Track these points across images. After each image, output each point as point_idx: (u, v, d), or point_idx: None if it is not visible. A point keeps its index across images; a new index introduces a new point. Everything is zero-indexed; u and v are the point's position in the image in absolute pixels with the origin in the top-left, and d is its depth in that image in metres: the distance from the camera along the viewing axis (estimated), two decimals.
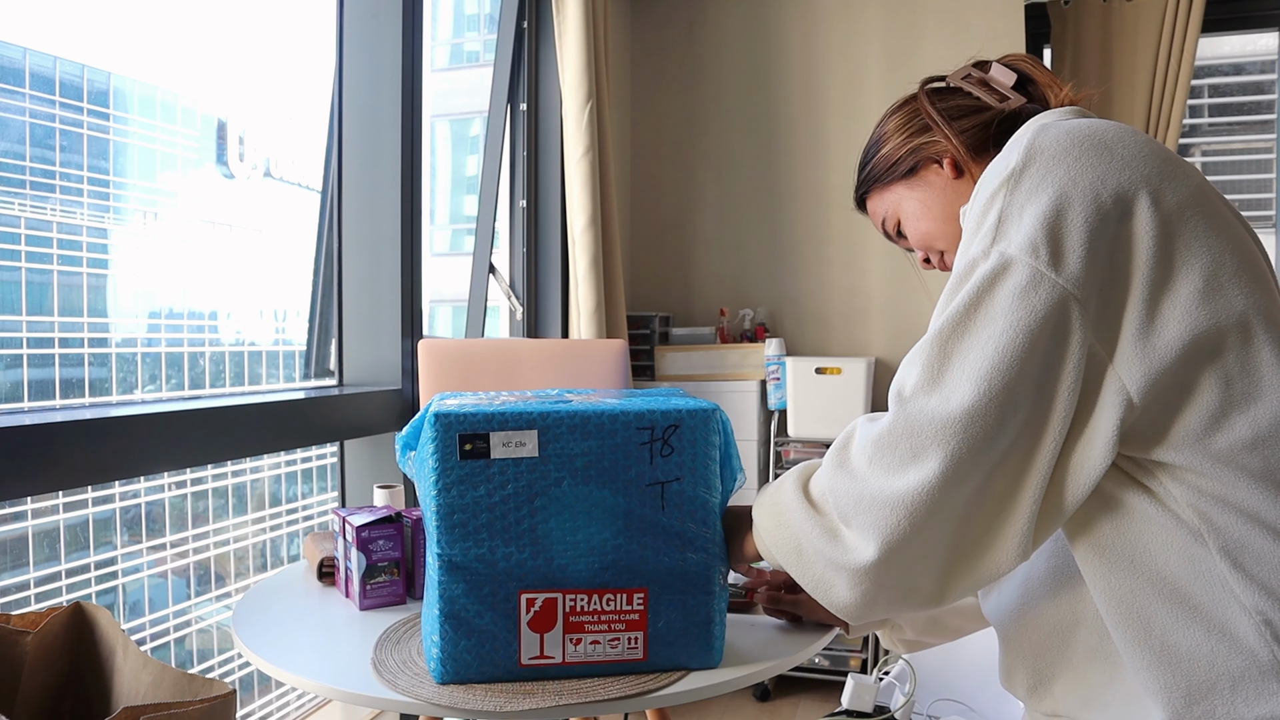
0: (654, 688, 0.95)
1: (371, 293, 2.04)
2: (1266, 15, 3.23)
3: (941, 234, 1.06)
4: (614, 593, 0.97)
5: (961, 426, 0.75)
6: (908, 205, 1.08)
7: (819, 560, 0.84)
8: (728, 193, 3.22)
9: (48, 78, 1.51)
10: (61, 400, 1.52)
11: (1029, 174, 0.78)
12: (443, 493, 0.92)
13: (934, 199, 1.05)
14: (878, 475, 0.79)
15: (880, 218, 1.13)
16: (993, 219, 0.79)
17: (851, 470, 0.81)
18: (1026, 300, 0.75)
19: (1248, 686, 0.70)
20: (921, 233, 1.07)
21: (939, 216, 1.05)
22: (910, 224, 1.08)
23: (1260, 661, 0.70)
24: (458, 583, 0.94)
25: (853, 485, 0.81)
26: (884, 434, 0.79)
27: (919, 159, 1.05)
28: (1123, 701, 0.79)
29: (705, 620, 0.99)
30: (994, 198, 0.79)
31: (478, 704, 0.91)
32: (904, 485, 0.77)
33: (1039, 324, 0.74)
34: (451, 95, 3.37)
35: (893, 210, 1.10)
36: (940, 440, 0.75)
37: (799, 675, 2.89)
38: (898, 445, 0.78)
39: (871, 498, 0.79)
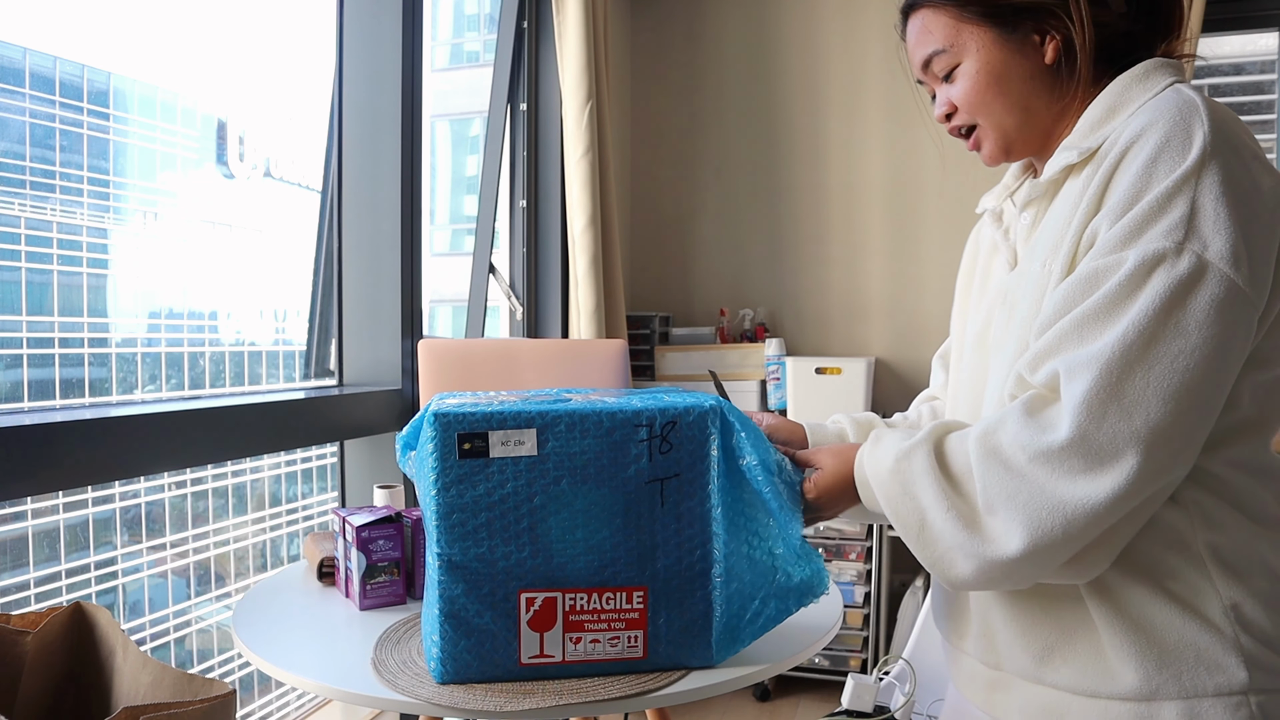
0: (654, 687, 0.95)
1: (371, 293, 2.04)
2: (1266, 15, 3.22)
3: (1001, 117, 0.92)
4: (613, 591, 0.96)
5: (1146, 447, 0.72)
6: (982, 60, 0.90)
7: (946, 541, 0.80)
8: (728, 193, 3.22)
9: (48, 78, 1.51)
10: (61, 400, 1.52)
11: (1219, 167, 0.75)
12: (442, 492, 0.92)
13: (1016, 75, 0.90)
14: (1041, 476, 0.75)
15: (931, 45, 0.93)
16: (1182, 211, 0.74)
17: (1007, 463, 0.77)
18: (1224, 316, 0.72)
19: (1210, 660, 0.78)
20: (979, 103, 0.92)
21: (1013, 100, 0.91)
22: (970, 83, 0.91)
23: (1225, 640, 0.78)
24: (457, 582, 0.94)
25: (1008, 479, 0.77)
26: (1057, 440, 0.75)
27: (1031, 17, 0.88)
28: (1088, 659, 0.83)
29: (705, 619, 0.98)
30: (1182, 184, 0.74)
31: (478, 704, 0.91)
32: (1070, 494, 0.74)
33: (1237, 343, 0.74)
34: (451, 95, 3.37)
35: (958, 49, 0.91)
36: (1120, 458, 0.73)
37: (799, 675, 2.89)
38: (1070, 455, 0.74)
39: (1029, 496, 0.76)
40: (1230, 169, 0.75)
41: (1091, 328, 0.76)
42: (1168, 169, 0.75)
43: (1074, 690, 0.83)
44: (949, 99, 0.94)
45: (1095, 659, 0.82)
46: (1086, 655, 0.82)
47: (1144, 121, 0.79)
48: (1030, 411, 0.77)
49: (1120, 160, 0.80)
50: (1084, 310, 0.76)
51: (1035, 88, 0.91)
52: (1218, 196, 0.74)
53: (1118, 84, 0.87)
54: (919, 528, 0.82)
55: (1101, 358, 0.73)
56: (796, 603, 1.01)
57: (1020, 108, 0.91)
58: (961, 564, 0.80)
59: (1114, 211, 0.78)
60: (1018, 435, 0.76)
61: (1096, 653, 0.82)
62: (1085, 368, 0.74)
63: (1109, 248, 0.77)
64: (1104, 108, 0.87)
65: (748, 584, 1.01)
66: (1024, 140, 0.94)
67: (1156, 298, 0.73)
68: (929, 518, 0.81)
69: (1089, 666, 0.82)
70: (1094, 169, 0.84)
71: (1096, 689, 0.82)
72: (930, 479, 0.81)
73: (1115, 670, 0.80)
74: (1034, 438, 0.75)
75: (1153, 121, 0.79)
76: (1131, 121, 0.82)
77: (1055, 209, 0.89)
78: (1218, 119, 0.77)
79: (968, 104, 0.93)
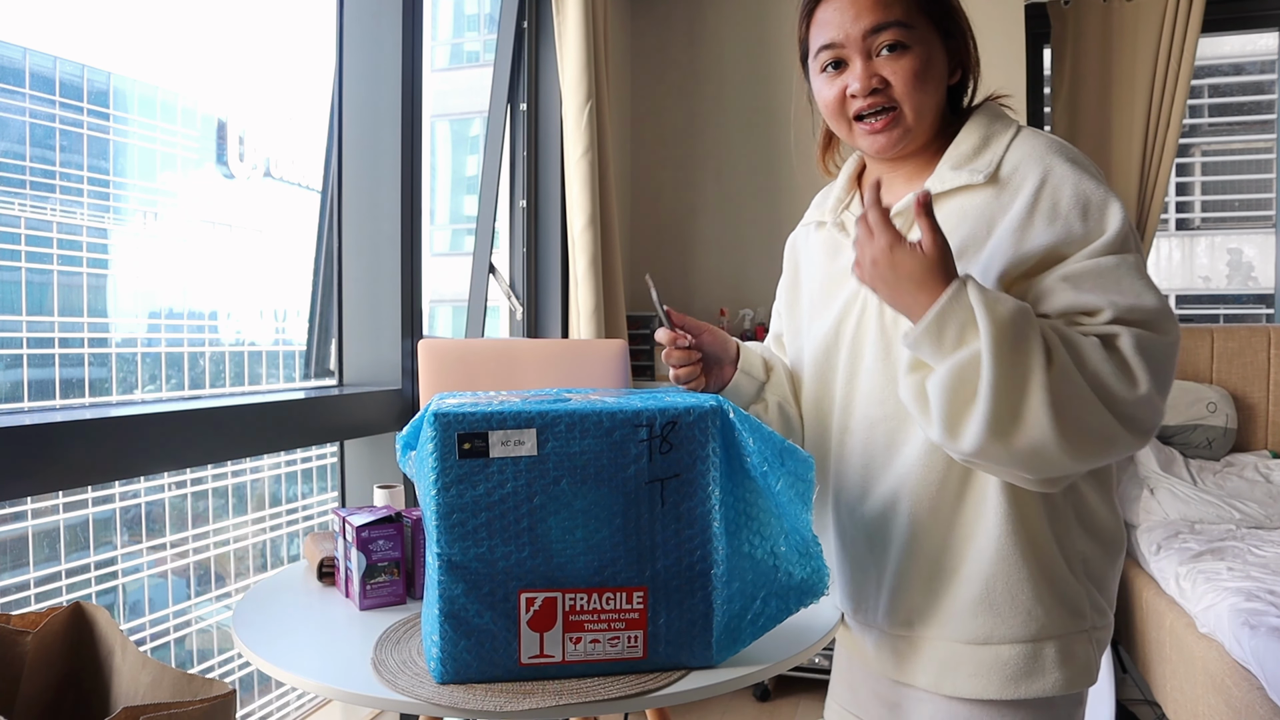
0: (654, 687, 0.95)
1: (371, 293, 2.04)
2: (1266, 15, 3.22)
3: (924, 110, 1.01)
4: (613, 591, 0.96)
5: (1158, 415, 0.93)
6: (930, 51, 1.00)
7: (1020, 400, 0.86)
8: (728, 193, 3.22)
9: (48, 78, 1.51)
10: (61, 400, 1.52)
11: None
12: (442, 492, 0.92)
13: (939, 80, 1.02)
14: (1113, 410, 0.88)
15: (894, 14, 0.98)
16: (1123, 224, 0.94)
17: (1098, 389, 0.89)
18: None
19: (1073, 604, 0.97)
20: (917, 87, 1.00)
21: (932, 99, 1.02)
22: (919, 64, 0.99)
23: (1081, 587, 0.98)
24: (457, 582, 0.93)
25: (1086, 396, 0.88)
26: (1137, 393, 0.89)
27: (958, 39, 1.04)
28: (979, 613, 0.98)
29: (705, 619, 0.98)
30: (1111, 202, 0.95)
31: (478, 704, 0.91)
32: (1117, 430, 0.89)
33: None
34: (451, 95, 3.37)
35: (919, 31, 1.00)
36: (1153, 422, 0.92)
37: (799, 675, 2.89)
38: (1138, 408, 0.89)
39: (1097, 414, 0.88)
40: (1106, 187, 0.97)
41: (1139, 314, 0.89)
42: (1101, 200, 0.94)
43: (969, 640, 0.97)
44: (880, 74, 0.99)
45: (989, 610, 0.97)
46: (980, 608, 0.97)
47: (1044, 159, 0.97)
48: (1110, 356, 0.88)
49: (1042, 187, 0.95)
50: (1131, 297, 0.90)
51: (939, 98, 1.03)
52: (1124, 214, 0.95)
53: (981, 117, 1.03)
54: (1076, 373, 0.88)
55: (1153, 345, 0.88)
56: (797, 602, 1.01)
57: (932, 109, 1.02)
58: (1023, 420, 0.87)
59: (1075, 231, 0.93)
60: (1100, 373, 0.87)
61: (991, 604, 0.97)
62: (1148, 350, 0.88)
63: (1098, 251, 0.92)
64: (978, 137, 1.01)
65: (748, 584, 1.01)
66: (918, 138, 1.03)
67: (1156, 293, 0.91)
68: (1100, 375, 0.87)
69: (981, 617, 0.97)
70: (999, 191, 0.98)
71: (989, 636, 0.97)
72: (1099, 352, 0.89)
73: (1007, 617, 0.96)
74: (1117, 383, 0.87)
75: (1050, 156, 0.97)
76: (1026, 154, 0.98)
77: (943, 219, 0.98)
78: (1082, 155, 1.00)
79: (906, 84, 0.98)
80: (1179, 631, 2.16)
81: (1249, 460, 2.91)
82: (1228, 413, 2.95)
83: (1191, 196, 4.88)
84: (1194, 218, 5.07)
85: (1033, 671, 0.96)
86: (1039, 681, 0.96)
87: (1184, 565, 2.26)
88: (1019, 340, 0.86)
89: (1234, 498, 2.70)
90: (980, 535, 0.98)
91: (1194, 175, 4.75)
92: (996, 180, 0.98)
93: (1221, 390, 2.99)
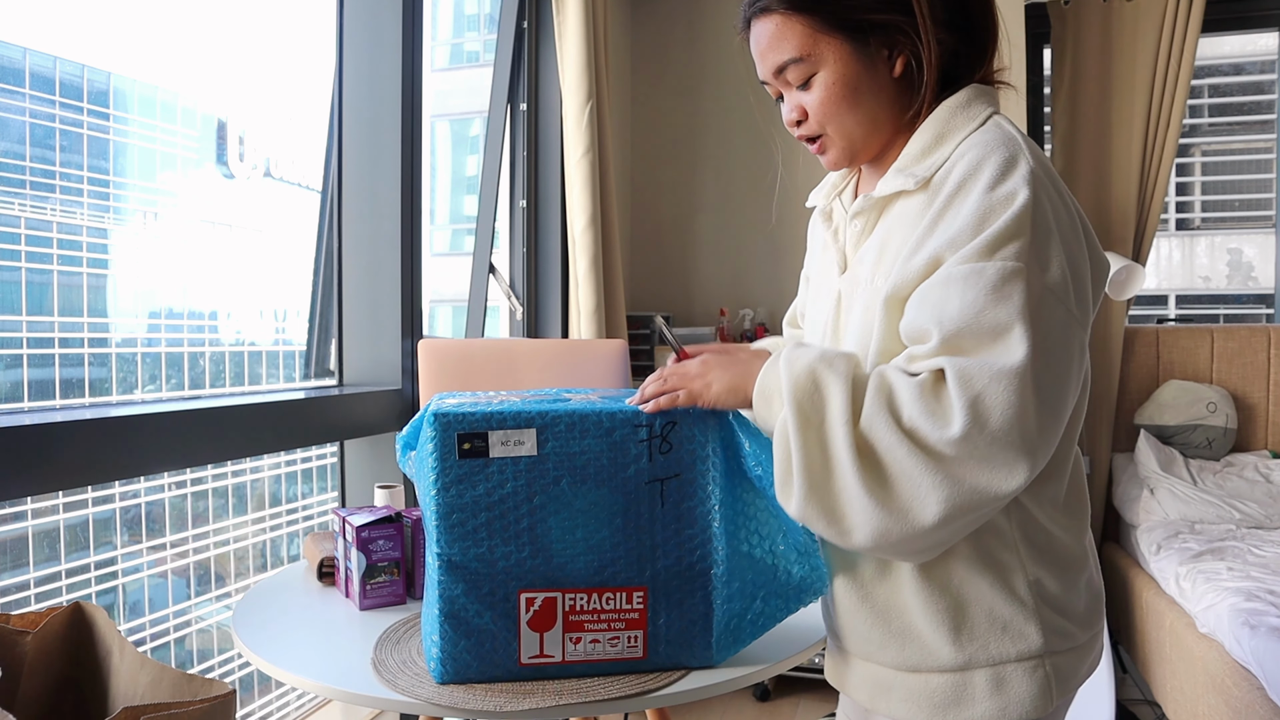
0: (654, 687, 0.95)
1: (371, 293, 2.04)
2: (1266, 15, 3.22)
3: (851, 128, 0.94)
4: (613, 591, 0.96)
5: (1028, 453, 0.83)
6: (838, 72, 0.92)
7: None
8: (728, 193, 3.22)
9: (48, 78, 1.51)
10: (61, 400, 1.52)
11: (1046, 199, 0.84)
12: (442, 492, 0.92)
13: (868, 89, 0.92)
14: (927, 462, 0.84)
15: (787, 53, 0.93)
16: (1025, 239, 0.82)
17: (902, 441, 0.84)
18: (1068, 335, 0.85)
19: (1014, 629, 0.89)
20: (832, 113, 0.93)
21: (863, 112, 0.93)
22: (826, 93, 0.93)
23: (1027, 611, 0.90)
24: (457, 582, 0.93)
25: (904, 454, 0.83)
26: (950, 434, 0.82)
27: (882, 33, 0.91)
28: (909, 639, 0.92)
29: (705, 618, 0.98)
30: (1021, 215, 0.82)
31: (478, 704, 0.91)
32: (953, 482, 0.84)
33: (1077, 361, 0.88)
34: (451, 95, 3.37)
35: (815, 59, 0.92)
36: (1008, 462, 0.83)
37: (799, 675, 2.89)
38: (966, 446, 0.82)
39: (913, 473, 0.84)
40: (1053, 200, 0.84)
41: (969, 339, 0.80)
42: (1005, 200, 0.82)
43: (898, 667, 0.93)
44: (800, 105, 0.96)
45: (915, 639, 0.91)
46: (908, 636, 0.92)
47: (977, 156, 0.86)
48: (924, 395, 0.80)
49: (958, 191, 0.85)
50: (958, 319, 0.80)
51: (883, 101, 0.93)
52: (1048, 227, 0.82)
53: (942, 111, 0.92)
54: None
55: (989, 367, 0.78)
56: (796, 601, 1.01)
57: (869, 120, 0.94)
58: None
59: (960, 236, 0.82)
60: (914, 419, 0.79)
61: (916, 633, 0.91)
62: (975, 375, 0.78)
63: (968, 257, 0.81)
64: (932, 134, 0.91)
65: (748, 583, 1.01)
66: (868, 150, 0.97)
67: (1025, 316, 0.79)
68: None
69: (909, 645, 0.92)
70: (930, 197, 0.89)
71: (918, 664, 0.91)
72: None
73: (932, 647, 0.90)
74: (931, 427, 0.78)
75: (985, 156, 0.85)
76: (964, 154, 0.87)
77: (885, 225, 0.94)
78: (1036, 154, 0.86)
79: (821, 113, 0.94)
80: (1179, 631, 2.16)
81: (1249, 460, 2.91)
82: (1228, 413, 2.95)
83: (1191, 196, 4.88)
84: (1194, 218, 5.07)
85: (960, 701, 0.90)
86: (966, 711, 0.90)
87: (1184, 565, 2.26)
88: (811, 404, 0.83)
89: (1234, 498, 2.70)
90: (906, 564, 0.92)
91: (1194, 175, 4.75)
92: (929, 184, 0.90)
93: (1221, 390, 2.99)
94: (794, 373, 0.84)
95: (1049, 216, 0.82)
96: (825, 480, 0.81)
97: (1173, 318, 4.68)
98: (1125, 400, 3.12)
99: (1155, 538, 2.55)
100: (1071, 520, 0.94)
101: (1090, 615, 0.95)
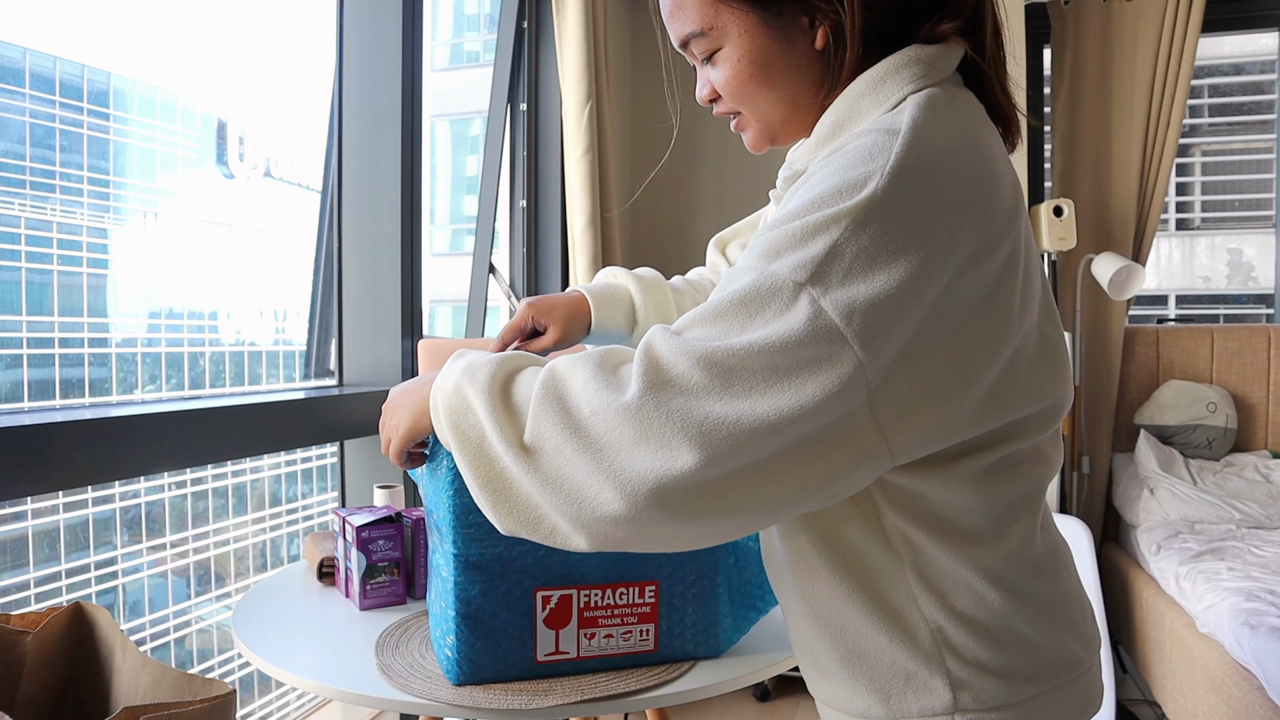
0: (667, 679, 0.98)
1: (371, 293, 2.04)
2: (1266, 15, 3.22)
3: (765, 109, 0.81)
4: (626, 586, 0.98)
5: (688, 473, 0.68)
6: (744, 47, 0.78)
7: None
8: (728, 193, 3.22)
9: (48, 78, 1.51)
10: (61, 400, 1.52)
11: (882, 217, 0.65)
12: (460, 493, 0.92)
13: (781, 65, 0.78)
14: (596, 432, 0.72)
15: (688, 26, 0.80)
16: (817, 250, 0.65)
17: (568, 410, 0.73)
18: (822, 377, 0.66)
19: (918, 682, 0.76)
20: (741, 93, 0.81)
21: (777, 91, 0.79)
22: (732, 71, 0.79)
23: (932, 662, 0.76)
24: (474, 583, 0.94)
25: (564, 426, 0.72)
26: (621, 401, 0.71)
27: (795, 1, 0.75)
28: (823, 676, 0.83)
29: (714, 609, 1.01)
30: (830, 223, 0.65)
31: (500, 703, 0.92)
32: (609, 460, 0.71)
33: (833, 415, 0.68)
34: (451, 95, 3.37)
35: (718, 33, 0.79)
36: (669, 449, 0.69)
37: (799, 675, 2.89)
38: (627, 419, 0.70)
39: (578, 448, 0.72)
40: (896, 222, 0.64)
41: (693, 319, 0.67)
42: (828, 202, 0.65)
43: (824, 701, 0.84)
44: (710, 82, 0.83)
45: (828, 676, 0.82)
46: (821, 672, 0.82)
47: (853, 139, 0.70)
48: (601, 370, 0.69)
49: (807, 179, 0.71)
50: (698, 310, 0.68)
51: (802, 77, 0.78)
52: (866, 247, 0.63)
53: (851, 91, 0.75)
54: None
55: (685, 350, 0.65)
56: None
57: (785, 100, 0.80)
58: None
59: (764, 229, 0.68)
60: (582, 394, 0.68)
61: (829, 671, 0.81)
62: (663, 345, 0.66)
63: (744, 260, 0.68)
64: (832, 121, 0.76)
65: (753, 572, 1.03)
66: (788, 132, 0.84)
67: (758, 328, 0.64)
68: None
69: (824, 681, 0.82)
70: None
71: (827, 699, 0.83)
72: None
73: (845, 688, 0.80)
74: (602, 396, 0.67)
75: (845, 148, 0.69)
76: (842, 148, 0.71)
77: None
78: (917, 156, 0.66)
79: (729, 93, 0.81)
80: (1179, 631, 2.16)
81: (1249, 460, 2.91)
82: (1228, 413, 2.95)
83: (1191, 196, 4.88)
84: (1194, 218, 5.07)
85: None
86: None
87: (1184, 565, 2.26)
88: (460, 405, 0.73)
89: (1234, 498, 2.70)
90: (787, 599, 0.85)
91: (1194, 175, 4.75)
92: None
93: (1221, 390, 2.99)
94: (445, 392, 0.75)
95: (871, 235, 0.64)
96: (505, 490, 0.71)
97: (1173, 318, 4.68)
98: (1125, 400, 3.12)
99: (1155, 538, 2.55)
100: (987, 557, 0.76)
101: (1033, 672, 0.77)
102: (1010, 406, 0.70)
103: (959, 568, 0.76)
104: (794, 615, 0.84)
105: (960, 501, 0.74)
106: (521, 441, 0.69)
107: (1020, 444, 0.74)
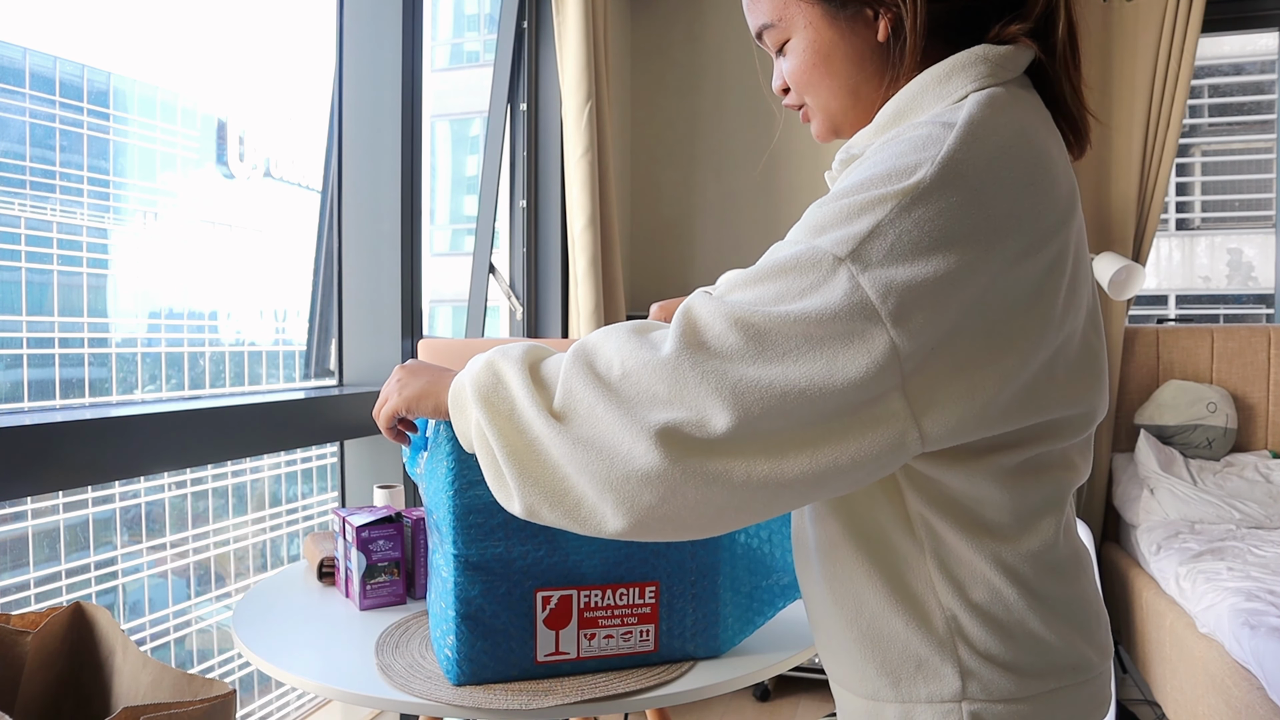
0: (667, 679, 0.98)
1: (371, 293, 2.04)
2: (1266, 15, 3.22)
3: (828, 99, 0.84)
4: (626, 587, 0.98)
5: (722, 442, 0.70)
6: (809, 39, 0.81)
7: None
8: (728, 193, 3.22)
9: (48, 78, 1.51)
10: (61, 400, 1.52)
11: (933, 201, 0.65)
12: (460, 493, 0.92)
13: (843, 56, 0.80)
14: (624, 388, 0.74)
15: (761, 17, 0.84)
16: (862, 228, 0.66)
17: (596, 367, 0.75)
18: (859, 355, 0.68)
19: (929, 668, 0.78)
20: (806, 83, 0.84)
21: (840, 82, 0.82)
22: (798, 61, 0.82)
23: (945, 650, 0.78)
24: (475, 583, 0.94)
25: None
26: (657, 356, 0.72)
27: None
28: (839, 655, 0.85)
29: (714, 610, 1.01)
30: (877, 203, 0.66)
31: (500, 703, 0.92)
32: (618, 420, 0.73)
33: (866, 396, 0.70)
34: (451, 95, 3.37)
35: (786, 24, 0.82)
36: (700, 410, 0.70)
37: (799, 675, 2.89)
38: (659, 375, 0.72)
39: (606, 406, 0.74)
40: (941, 211, 0.64)
41: (733, 283, 0.69)
42: (877, 184, 0.66)
43: (837, 680, 0.86)
44: (781, 73, 0.86)
45: (842, 656, 0.84)
46: (836, 651, 0.84)
47: (912, 129, 0.71)
48: (636, 331, 0.71)
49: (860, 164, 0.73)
50: (740, 274, 0.70)
51: (865, 69, 0.80)
52: (909, 230, 0.64)
53: (916, 83, 0.77)
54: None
55: (724, 312, 0.66)
56: (795, 590, 1.04)
57: (847, 90, 0.82)
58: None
59: (815, 206, 0.70)
60: (615, 353, 0.70)
61: (843, 651, 0.83)
62: (702, 306, 0.68)
63: (791, 233, 0.70)
64: (894, 110, 0.78)
65: (751, 573, 1.03)
66: (850, 123, 0.86)
67: (796, 298, 0.65)
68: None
69: (838, 661, 0.84)
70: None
71: (851, 684, 0.84)
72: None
73: (847, 670, 0.83)
74: (638, 354, 0.68)
75: (901, 136, 0.71)
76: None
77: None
78: (969, 150, 0.67)
79: (795, 83, 0.84)
80: (1179, 631, 2.16)
81: (1249, 460, 2.91)
82: (1228, 413, 2.95)
83: (1191, 196, 4.88)
84: (1194, 218, 5.07)
85: None
86: None
87: (1184, 565, 2.26)
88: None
89: (1234, 498, 2.70)
90: (810, 580, 0.87)
91: (1194, 175, 4.75)
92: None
93: (1221, 390, 2.99)
94: (474, 371, 0.77)
95: (920, 218, 0.65)
96: (533, 460, 0.71)
97: (1173, 318, 4.68)
98: (1125, 400, 3.12)
99: (1155, 538, 2.55)
100: (1002, 548, 0.78)
101: (1043, 667, 0.79)
102: (1044, 408, 0.71)
103: (978, 560, 0.77)
104: (814, 596, 0.86)
105: (985, 495, 0.75)
106: (552, 408, 0.71)
107: (1049, 446, 0.75)
